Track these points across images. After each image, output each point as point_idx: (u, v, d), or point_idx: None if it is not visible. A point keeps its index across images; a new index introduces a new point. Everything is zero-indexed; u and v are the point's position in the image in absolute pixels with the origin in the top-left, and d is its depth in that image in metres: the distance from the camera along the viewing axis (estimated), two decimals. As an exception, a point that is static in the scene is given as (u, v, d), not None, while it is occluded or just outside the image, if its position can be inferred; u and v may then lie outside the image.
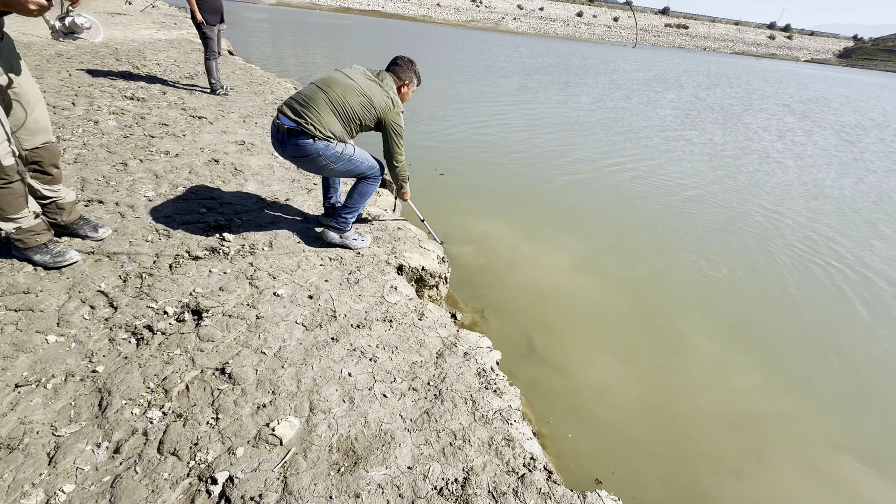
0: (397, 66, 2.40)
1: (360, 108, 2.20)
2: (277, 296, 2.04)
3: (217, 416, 1.43)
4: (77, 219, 2.22)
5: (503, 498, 1.35)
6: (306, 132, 2.13)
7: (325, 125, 2.16)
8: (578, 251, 3.78)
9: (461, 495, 1.33)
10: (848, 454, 2.23)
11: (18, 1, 1.38)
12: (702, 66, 31.68)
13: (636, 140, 7.71)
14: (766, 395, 2.54)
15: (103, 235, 2.27)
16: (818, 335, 3.10)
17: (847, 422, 2.45)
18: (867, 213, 5.44)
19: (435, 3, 73.91)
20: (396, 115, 2.28)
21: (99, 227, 2.28)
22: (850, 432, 2.38)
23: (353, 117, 2.21)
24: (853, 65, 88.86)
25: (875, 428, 2.43)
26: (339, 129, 2.21)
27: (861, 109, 16.44)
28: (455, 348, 1.94)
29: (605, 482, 1.91)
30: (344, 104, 2.17)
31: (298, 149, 2.18)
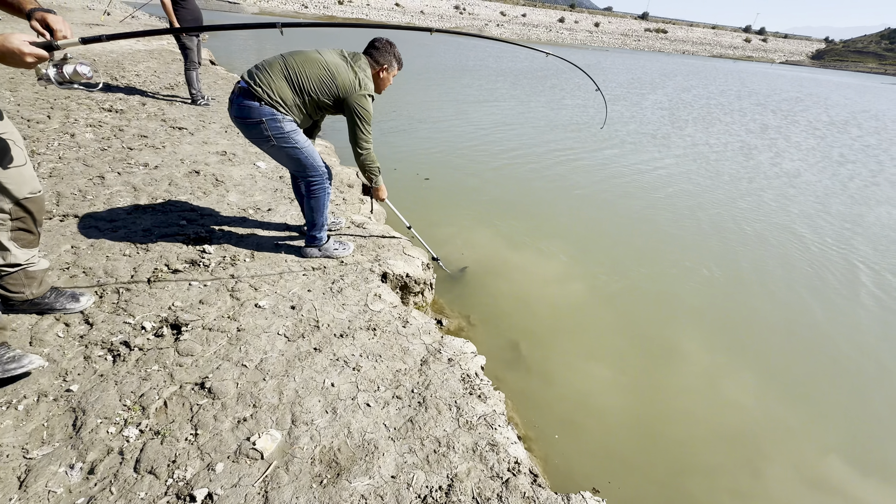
0: (375, 50, 2.24)
1: (316, 81, 2.04)
2: (259, 307, 2.02)
3: (196, 432, 1.41)
4: (47, 291, 1.80)
5: (488, 503, 1.35)
6: (254, 94, 1.99)
7: (276, 89, 2.01)
8: (564, 255, 3.81)
9: (445, 502, 1.33)
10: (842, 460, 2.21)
11: (12, 53, 1.16)
12: (682, 68, 32.42)
13: (621, 141, 7.83)
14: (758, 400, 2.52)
15: (85, 305, 1.86)
16: (807, 335, 3.16)
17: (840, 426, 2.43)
18: (849, 208, 5.61)
19: (419, 10, 74.48)
20: (362, 96, 2.11)
21: (79, 295, 1.87)
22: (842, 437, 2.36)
23: (307, 90, 2.05)
24: (825, 66, 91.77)
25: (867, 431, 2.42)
26: (291, 98, 2.05)
27: (831, 107, 16.98)
28: (439, 355, 1.94)
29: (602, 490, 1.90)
30: (300, 73, 2.03)
31: (243, 109, 2.01)
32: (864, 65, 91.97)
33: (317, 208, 2.36)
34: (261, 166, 3.74)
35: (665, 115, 11.41)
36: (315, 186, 2.30)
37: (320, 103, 2.13)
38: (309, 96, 2.08)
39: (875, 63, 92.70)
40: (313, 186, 2.30)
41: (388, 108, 8.47)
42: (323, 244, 2.49)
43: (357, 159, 2.29)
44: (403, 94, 10.22)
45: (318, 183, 2.30)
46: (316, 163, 2.26)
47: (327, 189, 2.35)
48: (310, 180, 2.28)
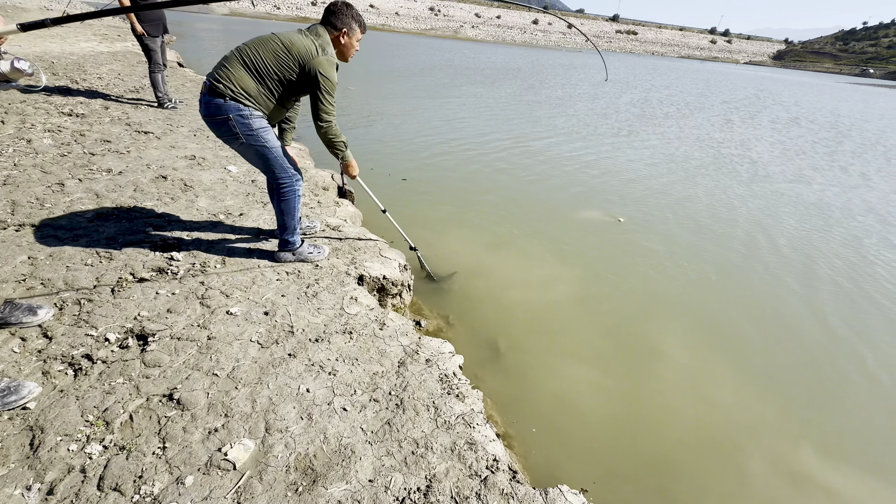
0: (331, 15, 2.10)
1: (272, 58, 1.95)
2: (231, 314, 1.97)
3: (164, 446, 1.36)
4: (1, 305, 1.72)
5: (466, 502, 1.35)
6: (217, 90, 1.93)
7: (236, 81, 1.94)
8: (543, 254, 3.86)
9: (423, 503, 1.32)
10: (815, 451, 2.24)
11: None
12: (650, 68, 33.34)
13: (597, 138, 7.99)
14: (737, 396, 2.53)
15: (44, 318, 1.77)
16: (781, 327, 3.27)
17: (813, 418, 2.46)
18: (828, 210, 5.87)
19: (393, 12, 74.23)
20: (322, 62, 1.97)
21: (36, 308, 1.78)
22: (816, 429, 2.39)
23: (266, 72, 1.96)
24: (786, 66, 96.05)
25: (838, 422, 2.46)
26: (254, 88, 1.97)
27: (787, 104, 17.78)
28: (417, 356, 1.94)
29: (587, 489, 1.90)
30: (255, 56, 1.95)
31: (210, 107, 1.96)
32: (821, 65, 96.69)
33: (287, 211, 2.30)
34: (232, 170, 3.65)
35: (637, 111, 11.71)
36: (284, 189, 2.25)
37: (284, 82, 2.01)
38: (270, 79, 1.99)
39: (831, 63, 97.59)
40: (283, 189, 2.24)
41: (361, 108, 8.42)
42: (297, 248, 2.45)
43: (319, 132, 2.13)
44: (377, 93, 10.17)
45: (288, 185, 2.24)
46: (284, 164, 2.21)
47: (297, 191, 2.29)
48: (279, 182, 2.23)
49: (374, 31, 52.35)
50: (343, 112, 8.13)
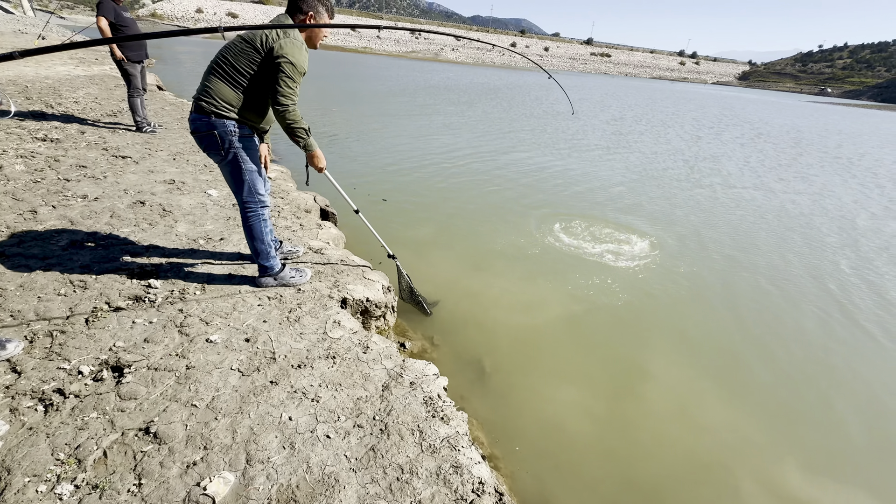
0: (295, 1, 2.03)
1: (242, 59, 1.93)
2: (210, 342, 1.94)
3: (140, 482, 1.32)
4: None
5: (452, 528, 1.34)
6: (203, 109, 1.97)
7: (217, 95, 1.96)
8: (526, 274, 3.91)
9: (409, 531, 1.31)
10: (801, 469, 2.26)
11: None
12: (624, 88, 34.67)
13: (578, 153, 8.21)
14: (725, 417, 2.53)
15: (13, 352, 1.71)
16: (768, 350, 3.37)
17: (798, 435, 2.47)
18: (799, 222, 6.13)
19: (374, 35, 75.70)
20: (284, 44, 1.90)
21: (5, 342, 1.73)
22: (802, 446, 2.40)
23: (241, 76, 1.95)
24: (751, 85, 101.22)
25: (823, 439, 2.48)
26: (235, 97, 1.98)
27: (753, 121, 18.69)
28: (401, 379, 1.93)
29: None
30: (225, 62, 1.95)
31: (195, 123, 2.00)
32: (783, 84, 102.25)
33: (255, 236, 2.29)
34: (212, 194, 3.63)
35: (614, 129, 12.12)
36: (249, 213, 2.24)
37: (258, 79, 1.98)
38: (245, 80, 1.96)
39: (792, 83, 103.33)
40: (247, 213, 2.24)
41: (343, 129, 8.49)
42: (277, 272, 2.43)
43: (277, 117, 2.00)
44: (359, 113, 10.28)
45: (252, 210, 2.24)
46: (257, 188, 2.21)
47: (261, 216, 2.27)
48: (245, 205, 2.22)
49: (357, 55, 53.21)
50: (326, 132, 8.19)
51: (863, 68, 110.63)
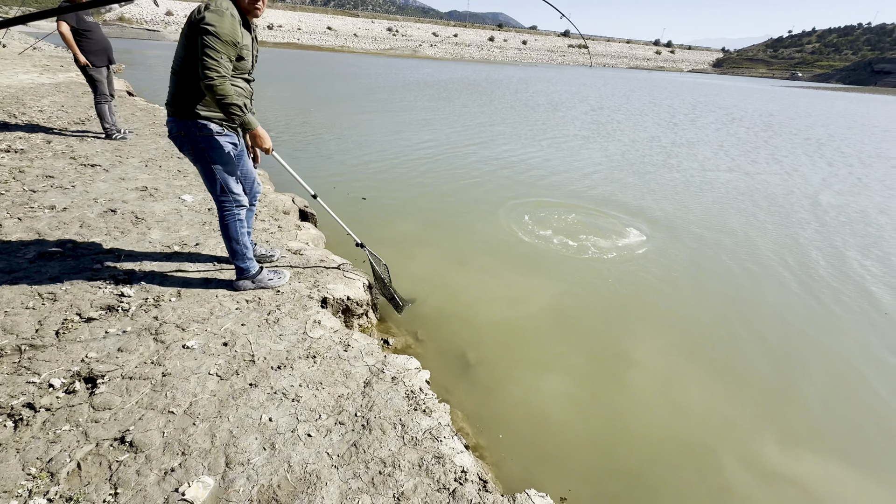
0: None
1: (181, 46, 1.92)
2: (187, 348, 1.92)
3: (116, 492, 1.30)
4: None
5: (435, 517, 1.36)
6: (171, 112, 2.02)
7: (177, 95, 1.98)
8: (509, 267, 3.94)
9: (392, 523, 1.32)
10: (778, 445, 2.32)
11: None
12: (603, 79, 35.03)
13: (559, 143, 8.28)
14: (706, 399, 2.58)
15: None
16: (748, 330, 3.46)
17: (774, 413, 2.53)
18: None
19: (352, 33, 74.95)
20: (206, 15, 1.83)
21: None
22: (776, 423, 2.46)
23: (183, 65, 1.93)
24: (725, 72, 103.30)
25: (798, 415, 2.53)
26: (188, 91, 1.97)
27: (726, 107, 19.11)
28: (383, 374, 1.94)
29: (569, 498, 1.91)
30: (176, 57, 1.96)
31: (169, 125, 2.06)
32: (756, 70, 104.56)
33: (230, 236, 2.26)
34: (187, 199, 3.56)
35: (593, 118, 12.24)
36: (224, 212, 2.22)
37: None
38: (189, 63, 1.92)
39: (765, 68, 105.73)
40: (223, 212, 2.22)
41: (321, 129, 8.40)
42: (254, 275, 2.41)
43: (206, 92, 1.89)
44: (337, 113, 10.18)
45: (228, 209, 2.21)
46: (229, 186, 2.18)
47: (237, 216, 2.25)
48: (220, 204, 2.21)
49: (334, 53, 52.60)
50: (304, 132, 8.09)
51: (831, 52, 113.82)
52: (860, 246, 4.85)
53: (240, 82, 2.09)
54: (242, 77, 2.10)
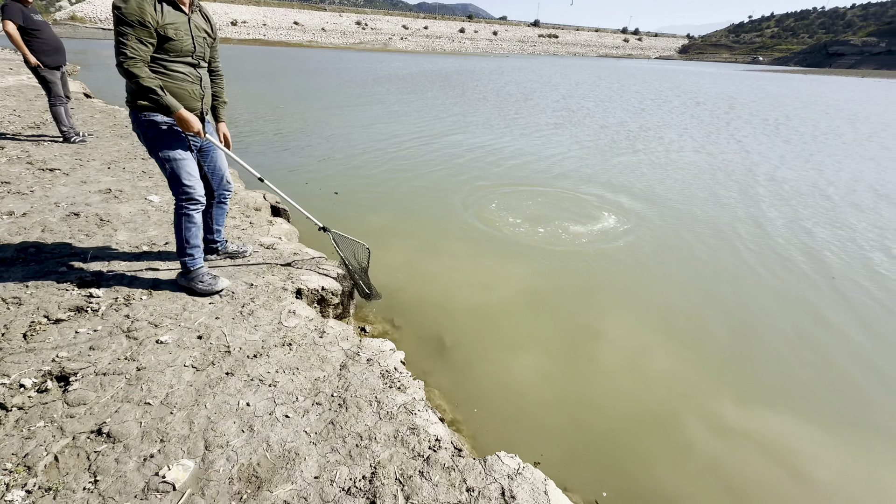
0: None
1: None
2: (161, 342, 1.93)
3: (96, 479, 1.33)
4: None
5: (410, 481, 1.44)
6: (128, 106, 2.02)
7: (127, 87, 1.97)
8: (482, 253, 4.03)
9: (369, 489, 1.39)
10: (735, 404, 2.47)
11: None
12: (573, 68, 35.43)
13: (532, 132, 8.41)
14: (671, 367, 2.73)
15: None
16: (707, 300, 3.66)
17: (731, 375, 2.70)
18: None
19: (320, 28, 73.40)
20: None
21: None
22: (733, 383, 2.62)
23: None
24: (691, 58, 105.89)
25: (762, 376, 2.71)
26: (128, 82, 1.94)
27: (692, 91, 19.69)
28: (358, 357, 2.00)
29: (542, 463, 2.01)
30: None
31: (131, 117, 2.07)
32: (719, 55, 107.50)
33: (176, 230, 2.22)
34: (154, 200, 3.51)
35: (563, 105, 12.44)
36: (175, 205, 2.20)
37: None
38: None
39: (728, 53, 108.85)
40: (175, 205, 2.20)
41: (291, 125, 8.29)
42: (191, 272, 2.30)
43: (121, 76, 1.91)
44: (306, 108, 10.04)
45: (176, 202, 2.18)
46: (182, 180, 2.12)
47: (188, 212, 2.19)
48: (175, 197, 2.19)
49: (302, 49, 51.44)
50: (274, 130, 7.97)
51: (788, 36, 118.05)
52: (811, 217, 5.16)
53: (180, 67, 2.03)
54: (182, 61, 2.03)
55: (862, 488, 2.07)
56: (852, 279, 3.82)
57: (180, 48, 1.99)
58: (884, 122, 13.45)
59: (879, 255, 4.30)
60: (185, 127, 2.04)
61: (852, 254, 4.29)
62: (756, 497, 2.01)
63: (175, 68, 2.02)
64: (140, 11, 1.82)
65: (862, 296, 3.58)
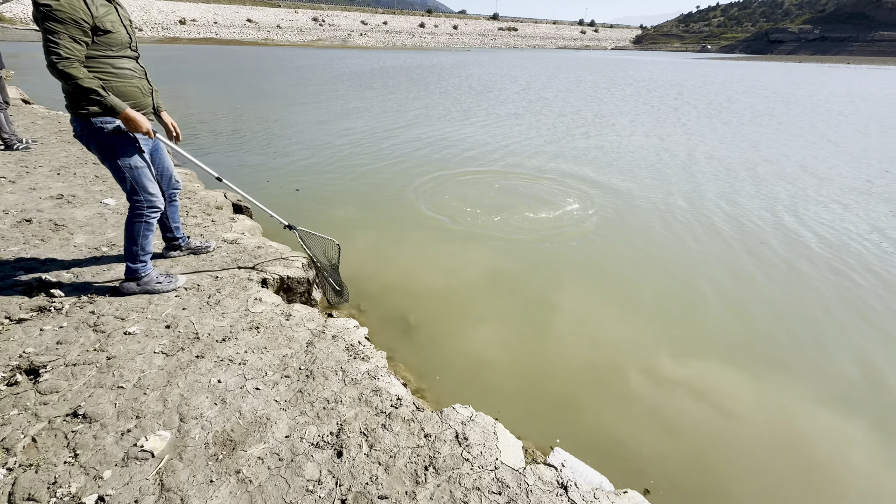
0: None
1: None
2: (129, 334, 2.00)
3: (76, 454, 1.43)
4: None
5: (373, 432, 1.60)
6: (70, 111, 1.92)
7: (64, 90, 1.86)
8: (442, 238, 4.21)
9: (336, 442, 1.55)
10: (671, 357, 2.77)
11: None
12: (532, 60, 36.09)
13: (490, 121, 8.64)
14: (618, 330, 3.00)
15: None
16: (655, 267, 3.97)
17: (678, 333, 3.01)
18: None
19: (275, 25, 71.20)
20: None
21: None
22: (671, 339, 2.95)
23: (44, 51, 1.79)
24: (645, 48, 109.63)
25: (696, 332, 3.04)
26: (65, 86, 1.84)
27: (643, 79, 20.60)
28: (324, 334, 2.14)
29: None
30: None
31: (73, 123, 1.97)
32: (671, 45, 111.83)
33: (132, 237, 2.17)
34: (110, 203, 3.48)
35: (523, 97, 12.77)
36: (135, 213, 2.16)
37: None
38: None
39: (679, 43, 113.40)
40: (133, 212, 2.16)
41: (250, 126, 8.18)
42: (141, 277, 2.27)
43: (56, 79, 1.79)
44: (262, 107, 9.90)
45: (139, 210, 2.15)
46: (147, 188, 2.12)
47: (149, 220, 2.19)
48: (133, 203, 2.15)
49: (256, 48, 49.80)
50: (232, 130, 7.84)
51: (733, 25, 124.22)
52: (744, 190, 5.64)
53: (125, 63, 1.95)
54: (125, 55, 1.95)
55: (774, 415, 2.40)
56: (766, 241, 4.26)
57: (120, 41, 1.91)
58: (813, 104, 14.57)
59: (790, 217, 4.79)
60: (134, 127, 1.96)
61: (766, 220, 4.76)
62: (688, 432, 2.30)
63: (121, 65, 1.95)
64: (71, 7, 1.71)
65: (770, 254, 4.01)
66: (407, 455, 1.53)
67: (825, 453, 2.21)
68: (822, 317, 3.23)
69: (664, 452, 2.20)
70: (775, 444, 2.25)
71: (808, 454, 2.20)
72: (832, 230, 4.59)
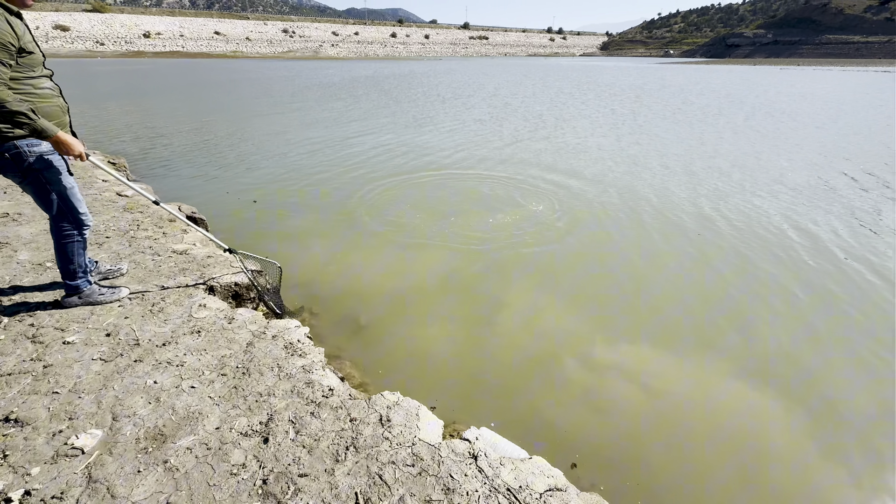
0: None
1: None
2: (68, 343, 2.06)
3: (5, 455, 1.49)
4: None
5: (301, 420, 1.72)
6: None
7: None
8: (399, 243, 4.35)
9: (264, 430, 1.65)
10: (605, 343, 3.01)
11: None
12: (502, 67, 36.88)
13: (458, 127, 8.85)
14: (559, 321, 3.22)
15: None
16: (597, 262, 4.20)
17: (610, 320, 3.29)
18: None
19: (244, 37, 70.48)
20: None
21: None
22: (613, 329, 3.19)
23: None
24: (611, 54, 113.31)
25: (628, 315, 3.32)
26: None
27: (606, 83, 21.39)
28: (264, 335, 2.24)
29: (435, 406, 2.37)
30: None
31: None
32: (635, 51, 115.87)
33: (67, 258, 2.21)
34: (57, 219, 3.47)
35: (489, 103, 13.09)
36: (63, 235, 2.18)
37: None
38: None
39: (643, 48, 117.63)
40: (63, 234, 2.18)
41: (219, 140, 8.16)
42: (84, 292, 2.33)
43: None
44: (229, 120, 9.87)
45: (67, 232, 2.18)
46: (79, 208, 2.16)
47: (81, 238, 2.24)
48: (58, 227, 2.17)
49: (226, 60, 49.19)
50: (199, 142, 7.81)
51: (693, 30, 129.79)
52: (699, 186, 5.99)
53: (44, 82, 1.93)
54: (43, 75, 1.93)
55: (694, 390, 2.61)
56: (702, 232, 4.57)
57: (39, 60, 1.89)
58: (762, 103, 15.44)
59: (710, 208, 5.14)
60: (65, 150, 1.95)
61: (693, 212, 5.10)
62: (616, 410, 2.48)
63: (41, 85, 1.92)
64: (5, 34, 1.70)
65: (705, 244, 4.31)
66: (331, 438, 1.65)
67: (741, 422, 2.43)
68: (745, 300, 3.51)
69: (593, 430, 2.37)
70: (695, 416, 2.46)
71: (725, 424, 2.41)
72: (747, 218, 4.94)
